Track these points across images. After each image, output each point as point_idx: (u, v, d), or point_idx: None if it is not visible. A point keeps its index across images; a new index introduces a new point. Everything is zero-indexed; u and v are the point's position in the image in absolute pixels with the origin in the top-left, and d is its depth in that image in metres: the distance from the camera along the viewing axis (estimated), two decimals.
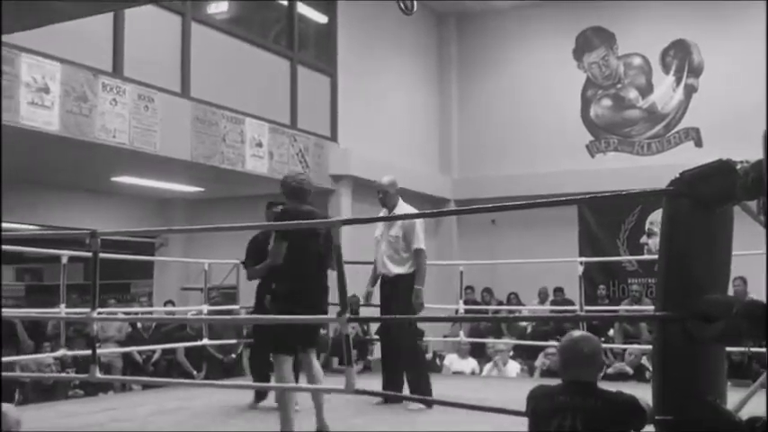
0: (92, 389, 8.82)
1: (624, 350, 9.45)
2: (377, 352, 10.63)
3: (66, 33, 7.10)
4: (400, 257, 6.51)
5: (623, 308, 10.77)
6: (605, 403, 3.05)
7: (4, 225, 10.78)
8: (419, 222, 6.52)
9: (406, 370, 6.53)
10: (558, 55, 13.88)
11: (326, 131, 11.58)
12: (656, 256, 3.51)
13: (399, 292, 6.48)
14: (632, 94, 13.62)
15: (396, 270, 6.51)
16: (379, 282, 6.74)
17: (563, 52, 13.87)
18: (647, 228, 12.75)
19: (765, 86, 10.69)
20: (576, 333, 3.33)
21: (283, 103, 10.85)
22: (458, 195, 14.04)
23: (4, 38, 6.84)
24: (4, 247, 9.81)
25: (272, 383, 5.91)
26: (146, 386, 8.77)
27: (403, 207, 6.68)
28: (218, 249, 11.13)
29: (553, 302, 11.84)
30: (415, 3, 4.80)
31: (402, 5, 4.79)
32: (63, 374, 8.75)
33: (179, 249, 12.59)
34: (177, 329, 10.24)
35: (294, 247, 5.00)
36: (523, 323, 11.70)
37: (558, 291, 11.92)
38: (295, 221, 4.87)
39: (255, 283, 6.40)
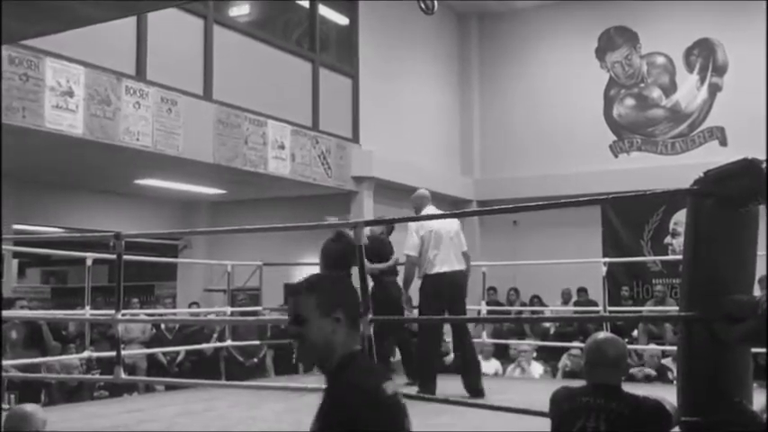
0: (116, 390, 8.89)
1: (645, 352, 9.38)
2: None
3: (90, 37, 7.17)
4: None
5: (647, 309, 10.69)
6: (630, 408, 2.99)
7: (30, 228, 10.92)
8: (413, 229, 6.82)
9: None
10: (580, 54, 13.81)
11: (348, 133, 11.59)
12: (680, 257, 3.48)
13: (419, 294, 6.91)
14: (656, 93, 13.51)
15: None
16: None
17: (585, 52, 13.79)
18: (671, 228, 12.64)
19: (765, 87, 10.61)
20: (602, 335, 3.28)
21: (305, 104, 10.87)
22: (479, 196, 14.00)
23: (29, 42, 6.92)
24: (30, 249, 9.94)
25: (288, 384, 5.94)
26: (170, 387, 8.82)
27: (426, 211, 6.95)
28: (242, 251, 11.21)
29: (576, 303, 11.77)
30: (436, 2, 4.79)
31: (423, 5, 4.78)
32: (88, 376, 8.82)
33: (202, 251, 12.65)
34: (200, 331, 10.31)
35: None
36: (546, 324, 11.65)
37: (582, 291, 11.85)
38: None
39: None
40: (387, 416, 1.99)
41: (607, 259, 9.35)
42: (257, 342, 9.44)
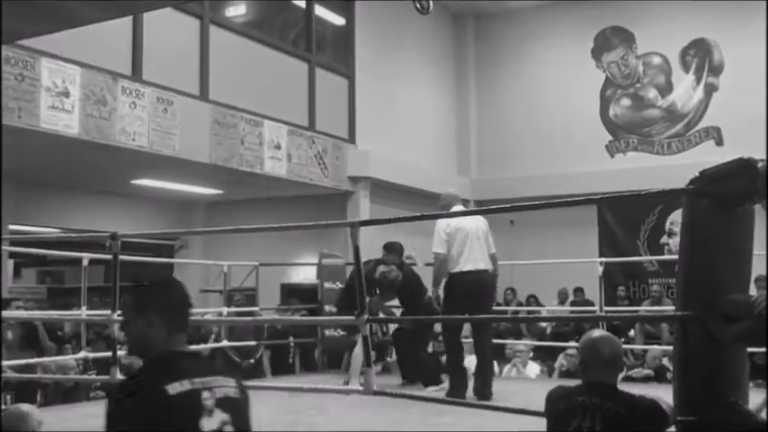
0: None
1: (645, 352, 9.38)
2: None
3: (86, 37, 7.16)
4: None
5: (644, 308, 10.69)
6: (626, 407, 2.98)
7: (26, 228, 10.88)
8: (441, 227, 6.82)
9: None
10: (576, 54, 13.82)
11: (344, 133, 11.59)
12: (676, 257, 3.48)
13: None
14: (652, 93, 13.52)
15: None
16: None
17: (582, 52, 13.80)
18: (667, 228, 12.65)
19: (765, 88, 10.61)
20: (596, 333, 3.25)
21: (301, 105, 10.87)
22: (476, 196, 13.99)
23: (24, 42, 6.91)
24: (26, 249, 9.90)
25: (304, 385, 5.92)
26: None
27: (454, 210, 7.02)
28: (238, 251, 11.19)
29: (573, 303, 11.77)
30: (431, 2, 4.79)
31: (418, 5, 4.79)
32: (85, 376, 8.80)
33: (199, 251, 12.64)
34: (196, 331, 10.29)
35: None
36: (543, 324, 11.65)
37: (579, 291, 11.85)
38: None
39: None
40: (169, 416, 2.09)
41: (603, 259, 9.34)
42: (254, 342, 9.42)
